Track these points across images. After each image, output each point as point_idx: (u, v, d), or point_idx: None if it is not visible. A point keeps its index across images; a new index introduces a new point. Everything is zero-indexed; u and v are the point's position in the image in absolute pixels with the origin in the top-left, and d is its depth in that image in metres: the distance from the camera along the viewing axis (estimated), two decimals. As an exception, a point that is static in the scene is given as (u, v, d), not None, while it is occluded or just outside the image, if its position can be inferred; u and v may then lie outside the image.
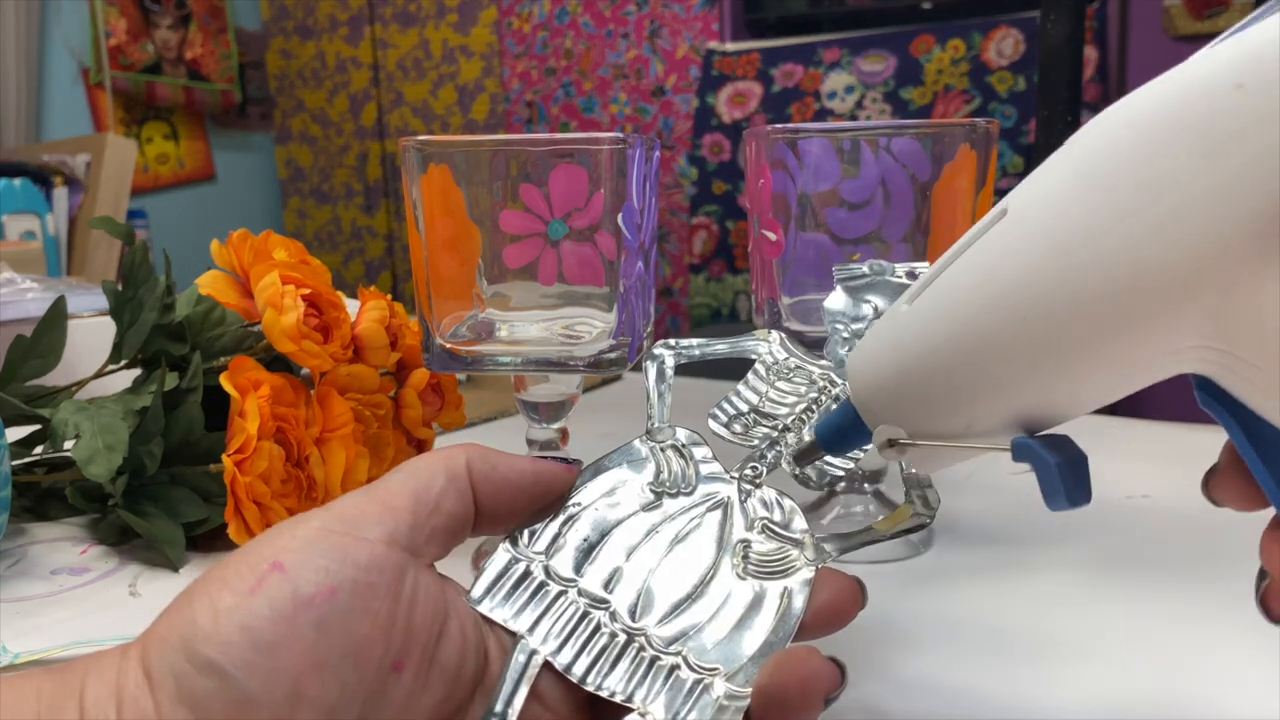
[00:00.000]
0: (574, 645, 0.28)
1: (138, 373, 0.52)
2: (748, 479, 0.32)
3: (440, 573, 0.28)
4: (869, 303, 0.35)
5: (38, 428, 0.50)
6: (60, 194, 1.69)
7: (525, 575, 0.29)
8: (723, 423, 0.34)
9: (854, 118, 1.98)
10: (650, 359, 0.35)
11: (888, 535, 0.31)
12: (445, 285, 0.43)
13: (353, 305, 0.50)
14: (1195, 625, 0.38)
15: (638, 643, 0.28)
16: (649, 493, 0.31)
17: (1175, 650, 0.36)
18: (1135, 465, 0.56)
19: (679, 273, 2.37)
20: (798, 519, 0.31)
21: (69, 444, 0.46)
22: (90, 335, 0.61)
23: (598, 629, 0.28)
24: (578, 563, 0.29)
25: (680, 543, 0.30)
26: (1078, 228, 0.22)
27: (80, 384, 0.53)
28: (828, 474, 0.34)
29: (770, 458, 0.33)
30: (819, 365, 0.36)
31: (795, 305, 0.46)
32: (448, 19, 2.75)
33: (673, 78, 2.41)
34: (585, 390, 0.76)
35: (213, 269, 0.48)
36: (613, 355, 0.42)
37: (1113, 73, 1.92)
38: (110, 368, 0.52)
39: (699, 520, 0.31)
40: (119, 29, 2.77)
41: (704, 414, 0.35)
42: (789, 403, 0.35)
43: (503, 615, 0.28)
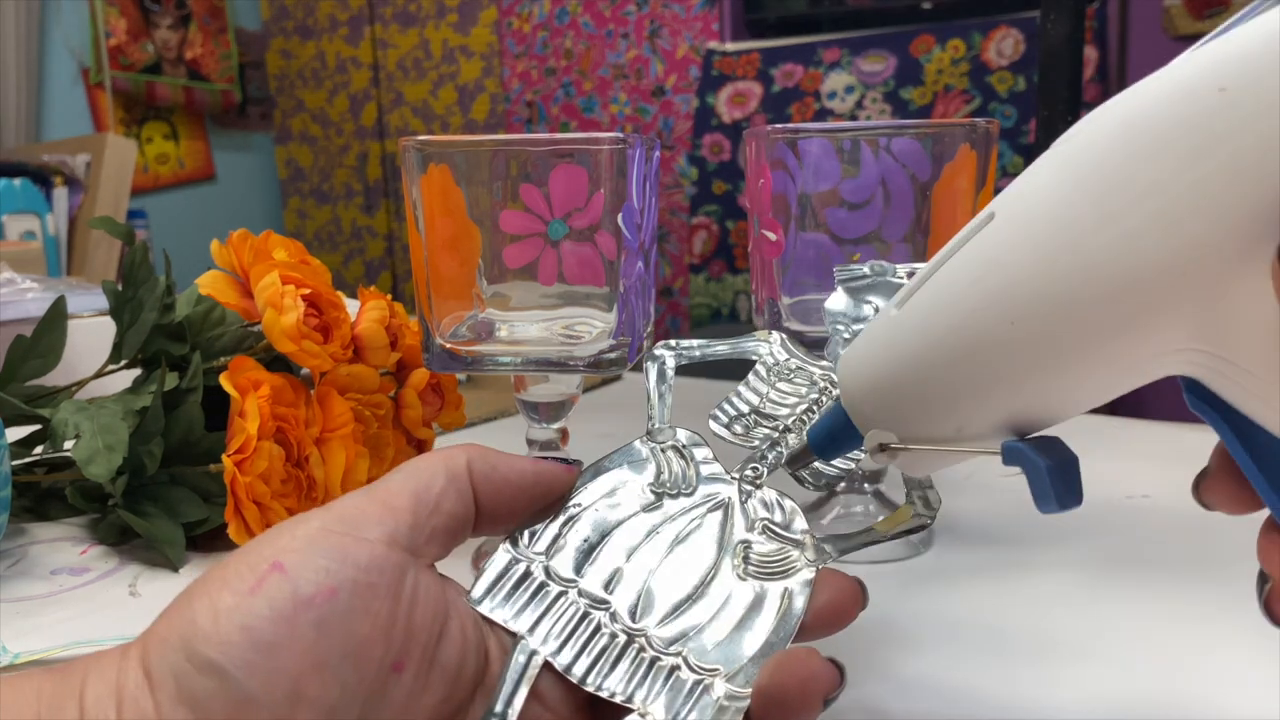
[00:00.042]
0: (574, 646, 0.28)
1: (138, 373, 0.52)
2: (748, 480, 0.32)
3: (441, 573, 0.28)
4: (870, 304, 0.35)
5: (38, 428, 0.50)
6: (60, 194, 1.69)
7: (525, 576, 0.29)
8: (723, 424, 0.34)
9: (854, 118, 1.97)
10: (651, 360, 0.35)
11: (888, 536, 0.31)
12: (445, 285, 0.43)
13: (353, 305, 0.50)
14: (1195, 625, 0.38)
15: (638, 643, 0.28)
16: (649, 493, 0.31)
17: (1175, 650, 0.36)
18: (1135, 465, 0.56)
19: (679, 273, 2.37)
20: (798, 520, 0.31)
21: (69, 444, 0.46)
22: (90, 335, 0.61)
23: (598, 629, 0.28)
24: (578, 563, 0.29)
25: (681, 543, 0.30)
26: (1063, 231, 0.22)
27: (80, 384, 0.53)
28: (824, 475, 0.34)
29: (771, 459, 0.33)
30: (820, 366, 0.36)
31: (795, 305, 0.46)
32: (448, 19, 2.75)
33: (673, 78, 2.41)
34: (585, 390, 0.76)
35: (213, 269, 0.48)
36: (613, 355, 0.42)
37: (1113, 73, 1.92)
38: (110, 368, 0.52)
39: (699, 521, 0.31)
40: (119, 29, 2.77)
41: (705, 414, 0.35)
42: (790, 404, 0.35)
43: (503, 616, 0.28)
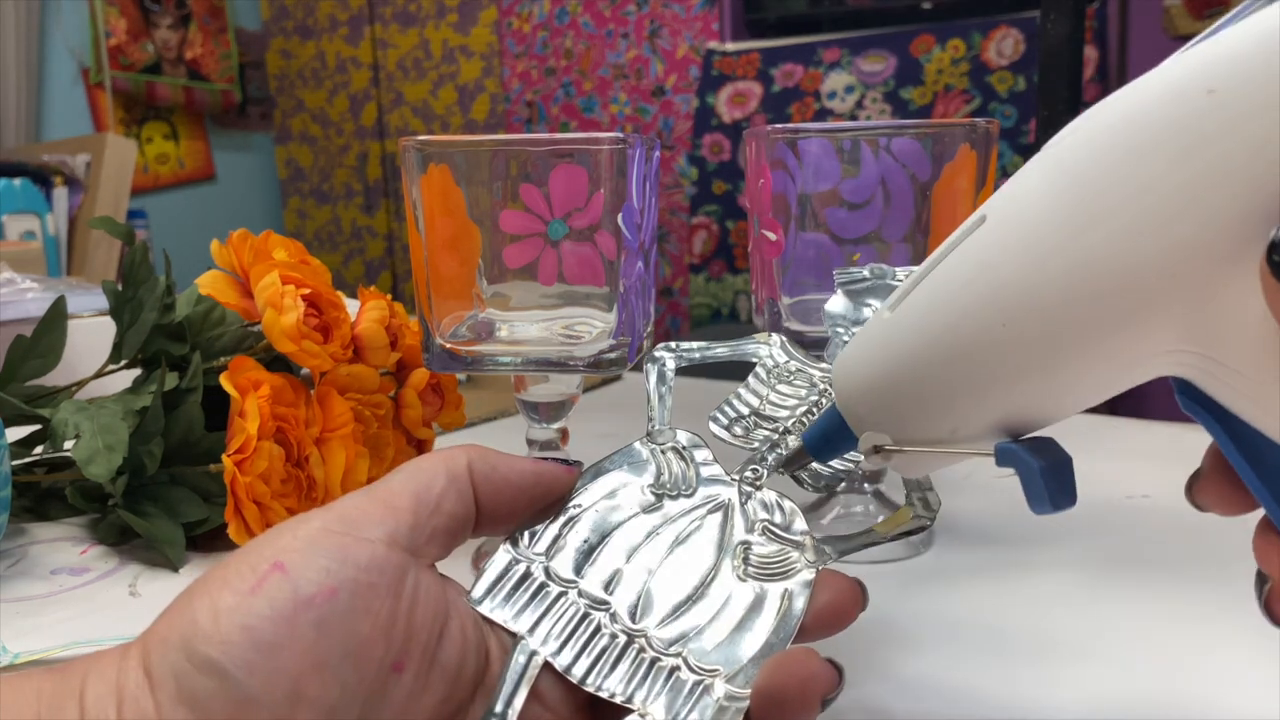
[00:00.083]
0: (574, 646, 0.28)
1: (138, 373, 0.52)
2: (748, 481, 0.32)
3: (441, 573, 0.28)
4: (869, 306, 0.35)
5: (38, 428, 0.50)
6: (60, 194, 1.69)
7: (526, 576, 0.29)
8: (723, 425, 0.35)
9: (854, 118, 1.97)
10: (651, 362, 0.35)
11: (888, 537, 0.31)
12: (445, 285, 0.43)
13: (353, 305, 0.50)
14: (1195, 625, 0.38)
15: (638, 644, 0.28)
16: (650, 495, 0.31)
17: (1175, 650, 0.36)
18: (1135, 465, 0.56)
19: (679, 273, 2.37)
20: (798, 521, 0.31)
21: (69, 444, 0.46)
22: (90, 335, 0.61)
23: (598, 630, 0.28)
24: (578, 564, 0.29)
25: (681, 544, 0.30)
26: (1054, 233, 0.22)
27: (80, 384, 0.53)
28: (823, 476, 0.34)
29: (771, 460, 0.33)
30: (819, 368, 0.36)
31: (795, 305, 0.46)
32: (448, 19, 2.75)
33: (673, 78, 2.41)
34: (585, 390, 0.76)
35: (213, 269, 0.48)
36: (613, 355, 0.42)
37: (1113, 73, 1.92)
38: (110, 368, 0.52)
39: (700, 522, 0.31)
40: (119, 29, 2.76)
41: (705, 415, 0.35)
42: (789, 405, 0.35)
43: (503, 616, 0.28)
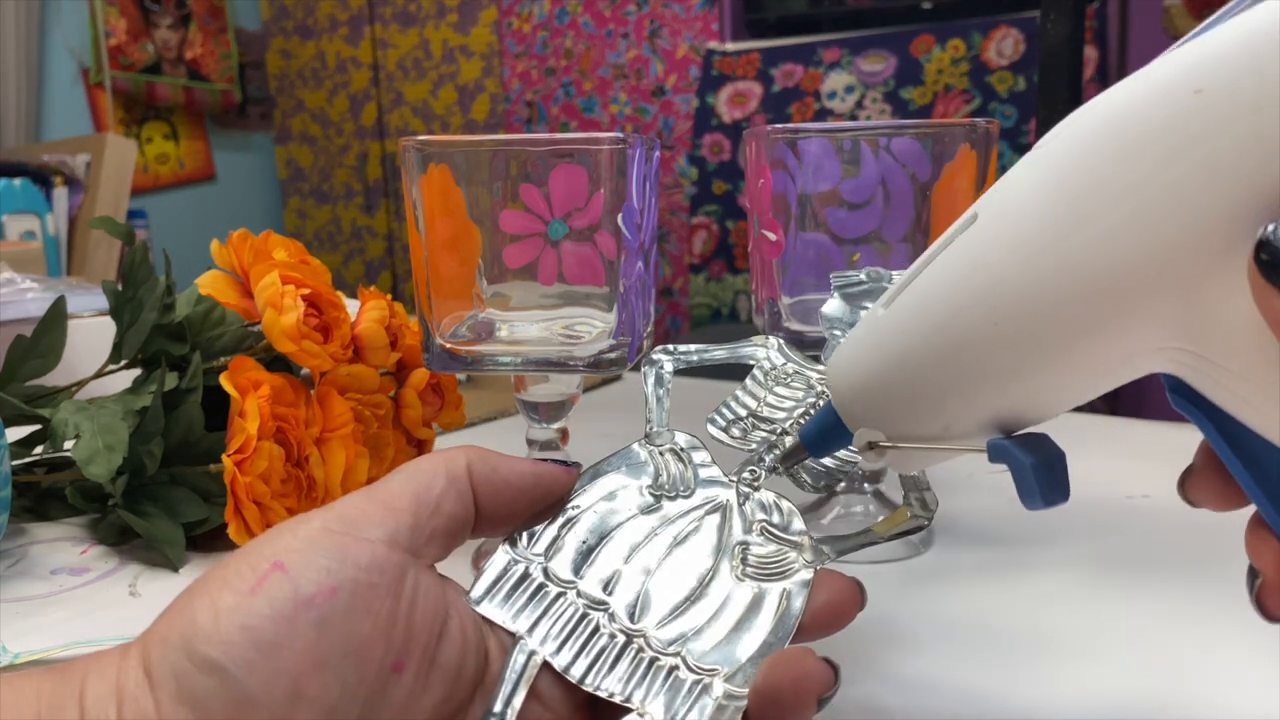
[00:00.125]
0: (573, 646, 0.28)
1: (138, 373, 0.52)
2: (746, 482, 0.32)
3: (440, 573, 0.28)
4: (866, 309, 0.36)
5: (38, 428, 0.50)
6: (60, 194, 1.69)
7: (524, 577, 0.29)
8: (721, 427, 0.35)
9: (854, 118, 1.97)
10: (649, 364, 0.35)
11: (886, 537, 0.31)
12: (445, 285, 0.43)
13: (353, 305, 0.50)
14: (1195, 625, 0.38)
15: (637, 644, 0.28)
16: (648, 496, 0.31)
17: (1175, 650, 0.36)
18: (1135, 465, 0.56)
19: (679, 273, 2.37)
20: (796, 521, 0.31)
21: (69, 444, 0.46)
22: (90, 335, 0.61)
23: (596, 630, 0.28)
24: (576, 565, 0.29)
25: (679, 545, 0.30)
26: (1044, 232, 0.22)
27: (80, 384, 0.53)
28: (822, 476, 0.34)
29: (769, 461, 0.33)
30: (817, 370, 0.36)
31: (795, 305, 0.46)
32: (448, 19, 2.75)
33: (673, 78, 2.41)
34: (585, 390, 0.76)
35: (213, 269, 0.48)
36: (613, 355, 0.42)
37: (1113, 73, 1.92)
38: (110, 368, 0.52)
39: (698, 523, 0.31)
40: (119, 29, 2.77)
41: (703, 416, 0.35)
42: (787, 407, 0.35)
43: (502, 616, 0.28)
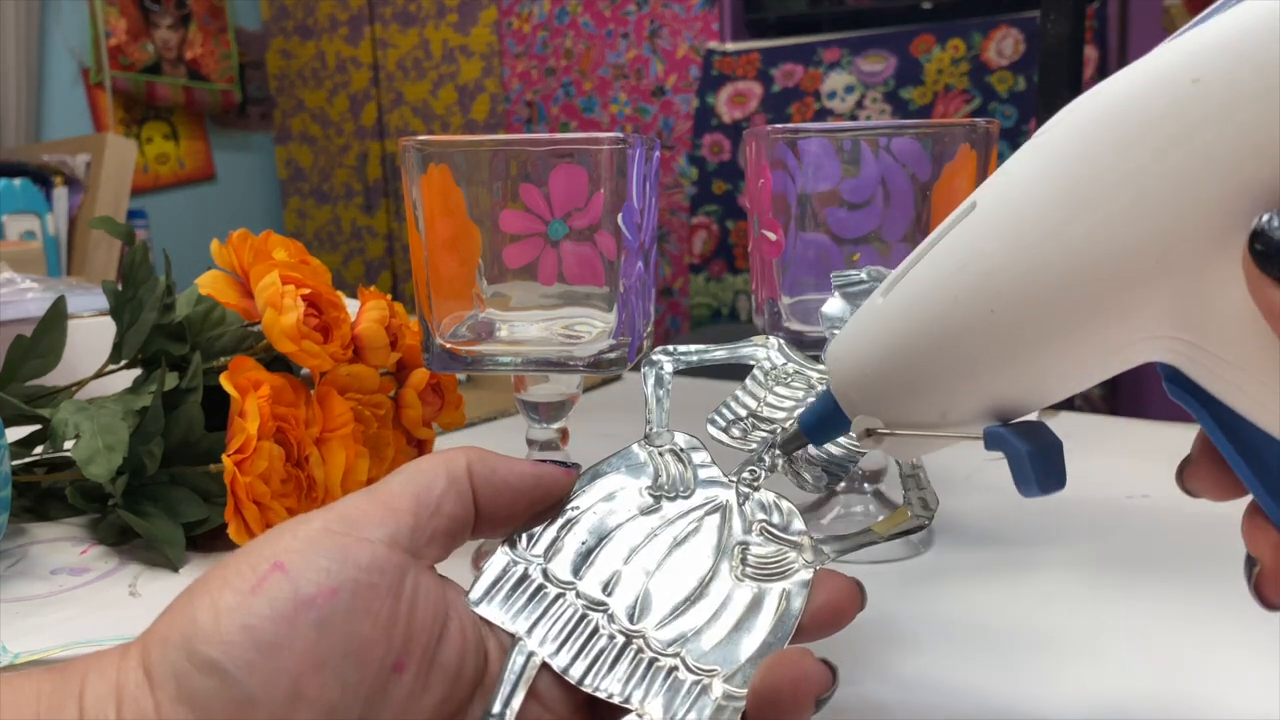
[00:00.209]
0: (572, 647, 0.28)
1: (138, 373, 0.52)
2: (746, 483, 0.32)
3: (440, 574, 0.28)
4: None
5: (38, 428, 0.50)
6: (60, 194, 1.69)
7: (524, 578, 0.29)
8: (721, 427, 0.35)
9: (854, 118, 1.97)
10: (648, 365, 0.35)
11: (886, 537, 0.31)
12: (445, 285, 0.43)
13: (353, 305, 0.50)
14: (1195, 625, 0.38)
15: (636, 644, 0.28)
16: (648, 497, 0.31)
17: (1175, 650, 0.36)
18: (1135, 465, 0.56)
19: (679, 273, 2.37)
20: (796, 521, 0.31)
21: (69, 444, 0.46)
22: (90, 335, 0.61)
23: (596, 631, 0.28)
24: (576, 566, 0.29)
25: (679, 546, 0.30)
26: (1042, 220, 0.22)
27: (80, 384, 0.53)
28: (824, 476, 0.34)
29: (768, 461, 0.33)
30: (817, 370, 0.36)
31: (795, 305, 0.46)
32: (448, 19, 2.75)
33: (673, 78, 2.41)
34: (585, 390, 0.76)
35: (213, 269, 0.48)
36: (613, 355, 0.42)
37: (1112, 73, 1.92)
38: (110, 368, 0.52)
39: (697, 524, 0.31)
40: (119, 29, 2.76)
41: (703, 416, 0.35)
42: (787, 407, 0.35)
43: (501, 617, 0.28)
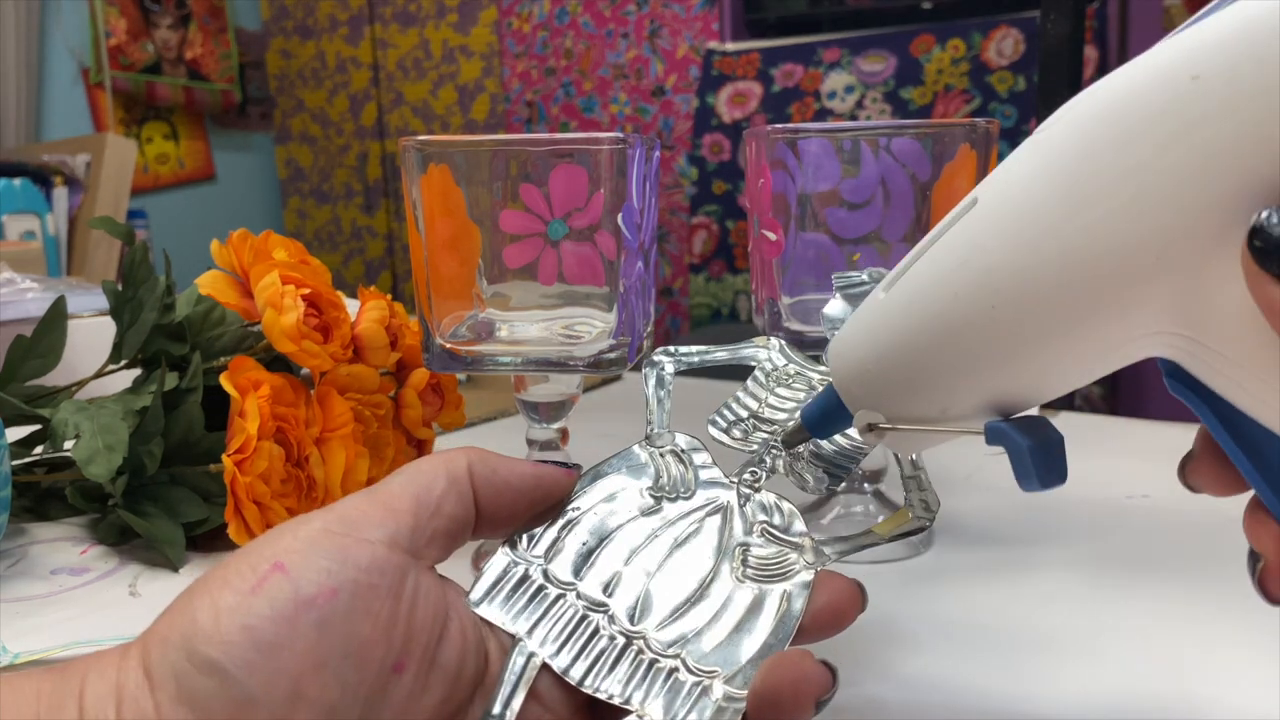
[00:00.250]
0: (572, 648, 0.28)
1: (138, 373, 0.52)
2: (747, 483, 0.32)
3: (441, 574, 0.28)
4: None
5: (38, 428, 0.50)
6: (60, 194, 1.69)
7: (524, 579, 0.29)
8: (722, 428, 0.34)
9: (854, 118, 1.97)
10: (650, 366, 0.35)
11: (887, 538, 0.31)
12: (445, 285, 0.43)
13: (353, 305, 0.50)
14: (1195, 625, 0.38)
15: (636, 645, 0.28)
16: (648, 497, 0.31)
17: (1175, 649, 0.36)
18: (1135, 465, 0.56)
19: (679, 273, 2.37)
20: (797, 522, 0.31)
21: (69, 444, 0.46)
22: (90, 335, 0.61)
23: (596, 632, 0.28)
24: (576, 567, 0.29)
25: (680, 547, 0.30)
26: (1043, 216, 0.23)
27: (80, 384, 0.53)
28: (825, 478, 0.34)
29: (769, 462, 0.33)
30: (818, 371, 0.36)
31: (795, 305, 0.46)
32: (448, 19, 2.75)
33: (673, 78, 2.41)
34: (585, 390, 0.76)
35: (213, 269, 0.48)
36: (613, 355, 0.42)
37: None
38: (110, 368, 0.52)
39: (698, 525, 0.31)
40: (119, 29, 2.76)
41: (704, 417, 0.35)
42: (788, 408, 0.35)
43: (501, 618, 0.28)
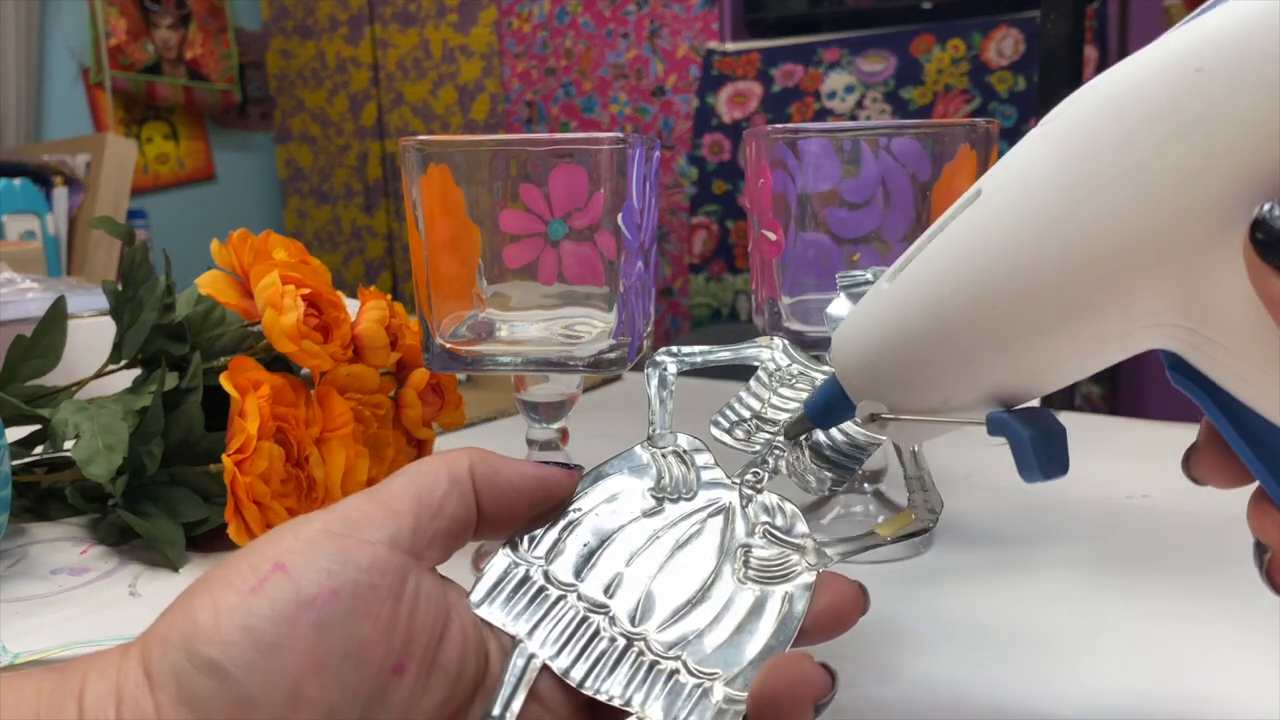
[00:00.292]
0: (573, 649, 0.27)
1: (138, 373, 0.52)
2: (749, 484, 0.32)
3: (442, 575, 0.28)
4: None
5: (38, 428, 0.50)
6: (60, 194, 1.69)
7: (525, 580, 0.29)
8: (725, 429, 0.34)
9: (854, 118, 1.97)
10: (652, 366, 0.35)
11: (890, 540, 0.31)
12: (445, 285, 0.43)
13: (353, 305, 0.50)
14: (1195, 625, 0.38)
15: (637, 647, 0.28)
16: (650, 498, 0.31)
17: (1175, 649, 0.36)
18: (1135, 465, 0.56)
19: (679, 273, 2.37)
20: (799, 524, 0.31)
21: (69, 444, 0.46)
22: (90, 335, 0.61)
23: (597, 633, 0.28)
24: (578, 568, 0.29)
25: (681, 548, 0.30)
26: (1046, 208, 0.23)
27: (80, 384, 0.53)
28: (828, 478, 0.34)
29: (772, 463, 0.33)
30: (821, 371, 0.36)
31: (795, 305, 0.46)
32: (448, 19, 2.75)
33: (673, 78, 2.41)
34: (585, 390, 0.76)
35: (213, 269, 0.48)
36: (613, 355, 0.42)
37: (1113, 72, 1.92)
38: (110, 368, 0.52)
39: (700, 526, 0.30)
40: (119, 29, 2.76)
41: (707, 417, 0.35)
42: (791, 409, 0.35)
43: (502, 619, 0.28)
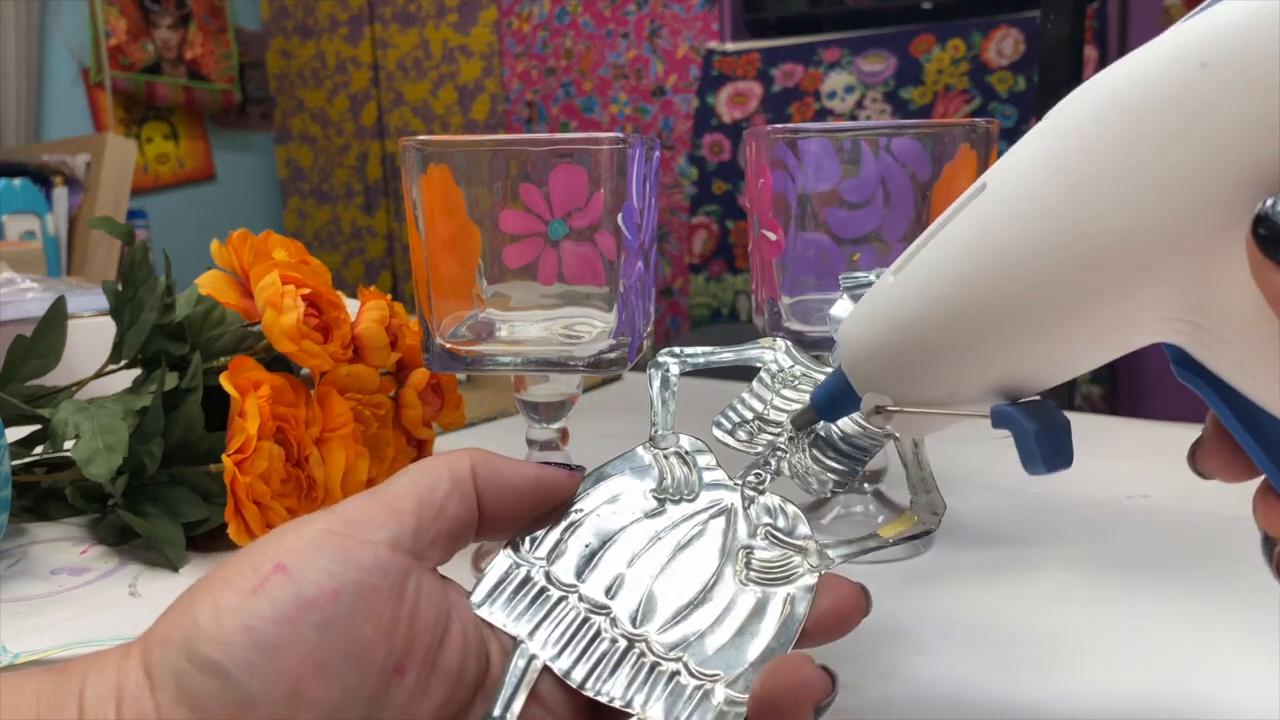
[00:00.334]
0: (574, 651, 0.27)
1: (138, 373, 0.52)
2: (751, 486, 0.32)
3: (443, 576, 0.28)
4: None
5: (38, 428, 0.50)
6: (60, 194, 1.69)
7: (526, 581, 0.29)
8: (727, 430, 0.34)
9: (854, 118, 1.97)
10: (654, 367, 0.35)
11: (892, 541, 0.31)
12: (445, 285, 0.43)
13: (353, 305, 0.50)
14: (1195, 625, 0.38)
15: (638, 649, 0.28)
16: (652, 499, 0.31)
17: (1175, 650, 0.36)
18: (1135, 465, 0.56)
19: (679, 273, 2.37)
20: (801, 525, 0.31)
21: (69, 444, 0.46)
22: (90, 335, 0.61)
23: (598, 635, 0.28)
24: (579, 569, 0.29)
25: (683, 549, 0.30)
26: (1051, 203, 0.23)
27: (80, 384, 0.53)
28: (830, 479, 0.34)
29: (774, 464, 0.33)
30: (824, 373, 0.36)
31: (795, 305, 0.46)
32: (448, 19, 2.75)
33: (673, 78, 2.41)
34: (585, 390, 0.76)
35: (213, 269, 0.48)
36: (613, 355, 0.42)
37: (1113, 72, 1.92)
38: (110, 368, 0.52)
39: (702, 527, 0.30)
40: (119, 29, 2.76)
41: (709, 418, 0.35)
42: (794, 410, 0.35)
43: (503, 620, 0.28)
